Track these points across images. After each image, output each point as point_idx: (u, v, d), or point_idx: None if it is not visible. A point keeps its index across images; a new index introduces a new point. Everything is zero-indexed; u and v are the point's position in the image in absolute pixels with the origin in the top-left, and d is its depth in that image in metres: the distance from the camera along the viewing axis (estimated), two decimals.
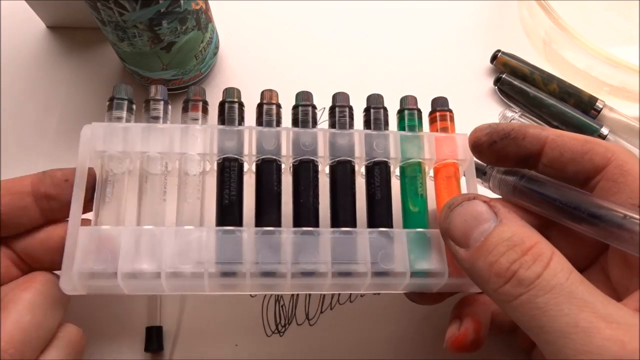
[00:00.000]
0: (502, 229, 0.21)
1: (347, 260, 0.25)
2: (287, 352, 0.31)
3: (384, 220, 0.27)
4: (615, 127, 0.35)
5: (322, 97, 0.37)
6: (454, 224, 0.22)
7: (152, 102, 0.28)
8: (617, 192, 0.22)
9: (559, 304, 0.18)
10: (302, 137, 0.27)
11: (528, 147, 0.24)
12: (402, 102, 0.29)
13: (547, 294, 0.19)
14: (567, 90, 0.36)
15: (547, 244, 0.20)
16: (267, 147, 0.26)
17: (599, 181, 0.23)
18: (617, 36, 0.39)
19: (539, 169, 0.24)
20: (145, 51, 0.32)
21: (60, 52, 0.39)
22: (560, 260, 0.20)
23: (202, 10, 0.32)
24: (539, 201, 0.23)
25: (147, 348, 0.30)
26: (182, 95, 0.37)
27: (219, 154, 0.26)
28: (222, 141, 0.26)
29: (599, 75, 0.36)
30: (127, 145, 0.26)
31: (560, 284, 0.19)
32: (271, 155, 0.26)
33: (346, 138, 0.27)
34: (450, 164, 0.28)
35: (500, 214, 0.21)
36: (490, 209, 0.21)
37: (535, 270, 0.19)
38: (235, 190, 0.26)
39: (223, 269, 0.24)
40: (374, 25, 0.41)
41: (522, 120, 0.35)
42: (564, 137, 0.23)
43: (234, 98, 0.28)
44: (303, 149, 0.27)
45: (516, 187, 0.24)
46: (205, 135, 0.26)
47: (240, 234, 0.25)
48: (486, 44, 0.39)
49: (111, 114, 0.27)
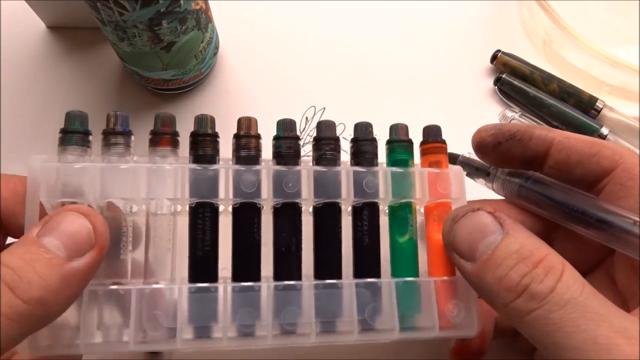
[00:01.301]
0: (509, 240, 0.20)
1: (332, 317, 0.23)
2: (287, 351, 0.31)
3: (372, 270, 0.24)
4: (615, 127, 0.35)
5: (321, 97, 0.38)
6: (459, 237, 0.21)
7: (112, 137, 0.23)
8: (626, 196, 0.21)
9: (575, 320, 0.18)
10: (285, 177, 0.24)
11: (534, 148, 0.23)
12: (392, 132, 0.26)
13: (561, 309, 0.18)
14: (567, 90, 0.36)
15: (557, 256, 0.20)
16: (246, 189, 0.23)
17: (606, 184, 0.22)
18: (617, 36, 0.39)
19: (544, 171, 0.24)
20: (145, 51, 0.32)
21: (60, 52, 0.39)
22: (573, 273, 0.19)
23: (202, 10, 0.32)
24: (545, 204, 0.22)
25: None
26: (181, 95, 0.37)
27: (190, 198, 0.23)
28: (194, 184, 0.23)
29: (599, 75, 0.36)
30: (83, 189, 0.22)
31: (575, 298, 0.18)
32: (250, 200, 0.23)
33: (332, 176, 0.24)
34: (443, 203, 0.25)
35: (507, 225, 0.20)
36: (496, 220, 0.21)
37: (548, 284, 0.18)
38: (210, 241, 0.23)
39: (197, 333, 0.22)
40: (373, 25, 0.41)
41: (522, 121, 0.35)
42: (570, 139, 0.23)
43: (206, 129, 0.24)
44: (286, 190, 0.24)
45: (521, 189, 0.24)
46: (176, 176, 0.23)
47: (215, 291, 0.22)
48: (486, 44, 0.39)
49: (64, 149, 0.22)
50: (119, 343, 0.22)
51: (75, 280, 0.19)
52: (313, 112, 0.37)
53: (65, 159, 0.22)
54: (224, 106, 0.37)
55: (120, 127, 0.23)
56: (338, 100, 0.37)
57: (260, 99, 0.37)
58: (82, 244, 0.19)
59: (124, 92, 0.37)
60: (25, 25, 0.40)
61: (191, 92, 0.38)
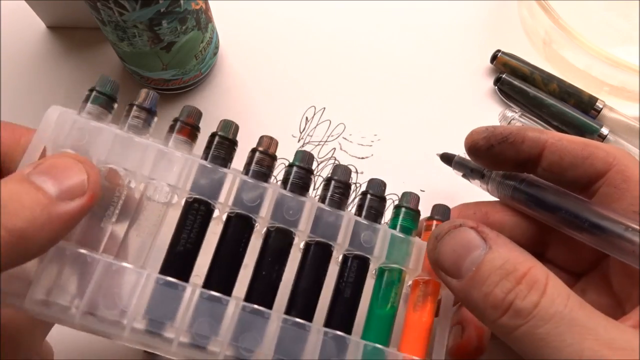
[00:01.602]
0: (492, 256, 0.20)
1: (291, 357, 0.22)
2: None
3: (344, 324, 0.23)
4: (615, 127, 0.35)
5: (321, 97, 0.38)
6: (443, 254, 0.21)
7: (136, 108, 0.23)
8: (619, 199, 0.21)
9: (561, 334, 0.18)
10: (288, 203, 0.23)
11: (527, 151, 0.23)
12: (404, 199, 0.26)
13: (546, 324, 0.18)
14: (567, 90, 0.36)
15: (541, 268, 0.19)
16: (247, 201, 0.23)
17: (600, 187, 0.22)
18: (617, 36, 0.39)
19: (538, 173, 0.24)
20: (145, 51, 0.32)
21: (60, 52, 0.39)
22: (557, 285, 0.19)
23: (202, 10, 0.32)
24: (538, 207, 0.22)
25: None
26: (181, 95, 0.37)
27: (190, 192, 0.23)
28: (198, 178, 0.23)
29: (599, 75, 0.36)
30: (90, 148, 0.22)
31: (559, 312, 0.18)
32: (247, 213, 0.23)
33: (333, 219, 0.23)
34: (432, 282, 0.24)
35: (489, 240, 0.20)
36: (479, 234, 0.20)
37: (531, 300, 0.18)
38: (194, 239, 0.23)
39: (150, 326, 0.21)
40: (373, 25, 0.41)
41: (522, 120, 0.35)
42: (563, 141, 0.23)
43: (229, 134, 0.24)
44: (285, 216, 0.23)
45: (515, 192, 0.24)
46: (184, 166, 0.23)
47: (183, 291, 0.21)
48: (486, 44, 0.39)
49: (85, 106, 0.23)
50: (65, 310, 0.21)
51: (61, 222, 0.18)
52: (313, 112, 0.37)
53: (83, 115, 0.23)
54: (224, 106, 0.37)
55: (147, 104, 0.24)
56: (338, 100, 0.37)
57: (260, 99, 0.37)
58: (73, 187, 0.19)
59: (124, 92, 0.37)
60: (25, 25, 0.40)
61: (191, 92, 0.38)
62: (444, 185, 0.30)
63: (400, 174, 0.35)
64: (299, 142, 0.36)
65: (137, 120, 0.23)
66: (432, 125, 0.37)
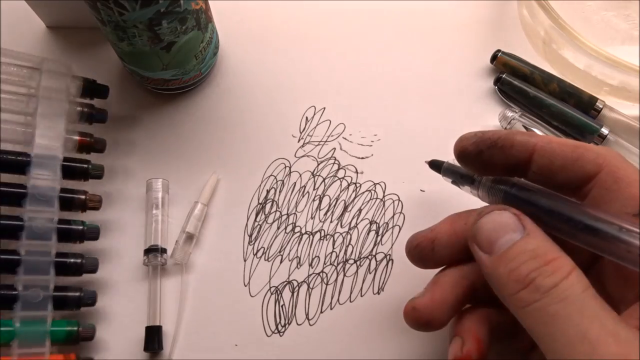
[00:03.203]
0: (527, 240, 0.21)
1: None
2: (287, 352, 0.31)
3: None
4: (615, 127, 0.35)
5: (321, 97, 0.38)
6: (482, 230, 0.22)
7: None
8: (611, 201, 0.21)
9: (571, 315, 0.19)
10: None
11: (516, 155, 0.23)
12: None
13: (560, 302, 0.19)
14: (567, 90, 0.36)
15: (569, 260, 0.20)
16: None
17: (591, 189, 0.22)
18: (617, 36, 0.39)
19: (528, 177, 0.24)
20: (145, 51, 0.32)
21: (60, 52, 0.39)
22: (579, 276, 0.20)
23: (202, 10, 0.32)
24: (530, 211, 0.22)
25: (146, 348, 0.30)
26: (181, 95, 0.37)
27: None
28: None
29: (599, 75, 0.36)
30: None
31: (575, 295, 0.19)
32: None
33: None
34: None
35: (528, 227, 0.21)
36: (519, 221, 0.21)
37: (553, 280, 0.19)
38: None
39: None
40: (373, 25, 0.41)
41: (523, 120, 0.35)
42: (552, 144, 0.23)
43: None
44: None
45: (507, 196, 0.23)
46: None
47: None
48: (486, 44, 0.39)
49: None
50: None
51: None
52: (313, 112, 0.37)
53: None
54: (224, 106, 0.37)
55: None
56: (338, 100, 0.37)
57: (260, 99, 0.37)
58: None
59: (123, 92, 0.37)
60: (25, 25, 0.40)
61: (191, 92, 0.38)
62: (444, 185, 0.30)
63: (400, 174, 0.35)
64: (299, 142, 0.36)
65: None
66: (432, 125, 0.37)
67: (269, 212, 0.34)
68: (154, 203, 0.33)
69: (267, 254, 0.33)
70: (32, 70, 0.33)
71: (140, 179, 0.34)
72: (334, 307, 0.32)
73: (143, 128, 0.36)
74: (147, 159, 0.35)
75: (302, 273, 0.33)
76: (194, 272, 0.32)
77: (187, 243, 0.32)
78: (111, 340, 0.31)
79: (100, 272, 0.32)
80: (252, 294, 0.32)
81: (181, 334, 0.31)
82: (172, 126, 0.36)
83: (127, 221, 0.34)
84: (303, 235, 0.34)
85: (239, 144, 0.36)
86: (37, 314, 0.28)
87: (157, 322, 0.31)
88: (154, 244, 0.32)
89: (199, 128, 0.36)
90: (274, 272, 0.33)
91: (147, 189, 0.34)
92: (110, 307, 0.31)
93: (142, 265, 0.32)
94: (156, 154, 0.36)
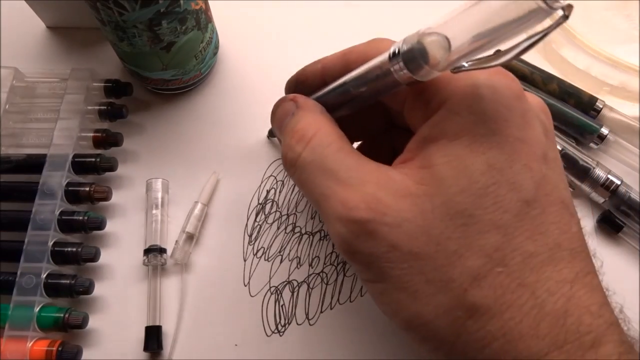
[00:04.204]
0: (292, 119, 0.23)
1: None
2: (287, 352, 0.31)
3: None
4: (615, 127, 0.35)
5: None
6: (274, 117, 0.25)
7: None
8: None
9: (313, 178, 0.21)
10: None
11: (316, 84, 0.25)
12: None
13: (305, 170, 0.21)
14: (567, 90, 0.36)
15: (315, 124, 0.22)
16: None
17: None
18: (617, 36, 0.39)
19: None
20: (145, 51, 0.32)
21: (60, 52, 0.39)
22: (322, 137, 0.22)
23: (202, 10, 0.32)
24: (324, 102, 0.24)
25: (146, 348, 0.30)
26: (181, 95, 0.37)
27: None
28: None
29: (599, 75, 0.36)
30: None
31: (315, 160, 0.21)
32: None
33: None
34: None
35: (298, 107, 0.24)
36: (294, 103, 0.24)
37: (296, 151, 0.22)
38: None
39: None
40: (373, 25, 0.41)
41: None
42: (327, 58, 0.26)
43: None
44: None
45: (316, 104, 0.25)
46: None
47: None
48: None
49: None
50: None
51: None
52: None
53: None
54: (224, 106, 0.37)
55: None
56: None
57: (260, 99, 0.37)
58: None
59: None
60: (25, 25, 0.40)
61: (191, 92, 0.38)
62: None
63: None
64: None
65: None
66: None
67: (269, 212, 0.34)
68: (154, 203, 0.33)
69: (267, 254, 0.33)
70: (62, 82, 0.35)
71: (140, 179, 0.34)
72: (334, 307, 0.32)
73: (143, 128, 0.36)
74: (147, 158, 0.35)
75: (302, 273, 0.33)
76: (194, 272, 0.32)
77: (187, 243, 0.32)
78: (111, 340, 0.31)
79: (100, 272, 0.32)
80: (252, 293, 0.32)
81: (181, 334, 0.31)
82: (172, 126, 0.36)
83: (127, 221, 0.34)
84: (303, 236, 0.34)
85: (239, 143, 0.36)
86: (28, 299, 0.29)
87: (157, 322, 0.31)
88: (154, 244, 0.32)
89: (199, 128, 0.36)
90: (274, 272, 0.33)
91: (147, 189, 0.34)
92: (110, 306, 0.31)
93: (142, 265, 0.32)
94: (156, 154, 0.36)
